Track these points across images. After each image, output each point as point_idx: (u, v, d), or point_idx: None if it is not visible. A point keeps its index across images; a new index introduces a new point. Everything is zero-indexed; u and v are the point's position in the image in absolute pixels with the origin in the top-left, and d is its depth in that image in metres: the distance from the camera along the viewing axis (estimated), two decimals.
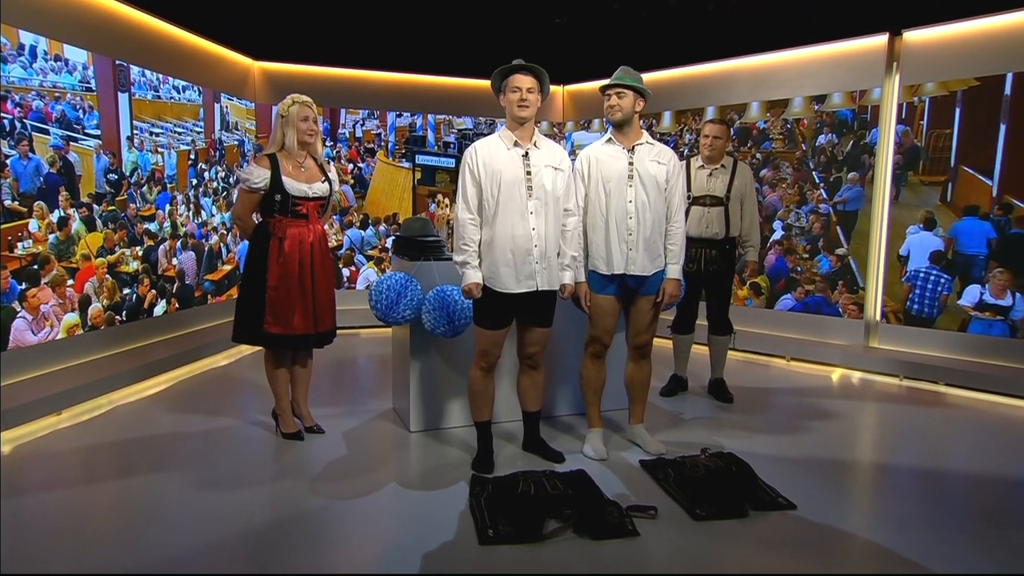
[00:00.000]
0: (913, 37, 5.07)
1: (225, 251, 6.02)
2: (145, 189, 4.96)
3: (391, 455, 3.33)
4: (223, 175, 5.95)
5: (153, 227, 5.04)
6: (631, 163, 3.12)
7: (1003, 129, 4.66)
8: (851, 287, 5.40)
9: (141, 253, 4.90)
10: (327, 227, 6.48)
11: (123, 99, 4.74)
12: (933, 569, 2.32)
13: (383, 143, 6.87)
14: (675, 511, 2.69)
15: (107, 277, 4.56)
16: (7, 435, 3.39)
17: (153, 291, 5.04)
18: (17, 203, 3.88)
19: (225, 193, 5.97)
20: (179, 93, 5.37)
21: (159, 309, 5.11)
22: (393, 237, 5.72)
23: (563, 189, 3.01)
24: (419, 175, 6.96)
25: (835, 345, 5.35)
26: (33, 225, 3.99)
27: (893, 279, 5.20)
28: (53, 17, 4.17)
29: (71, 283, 4.26)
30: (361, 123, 6.81)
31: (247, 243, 3.31)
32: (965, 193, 4.85)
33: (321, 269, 3.31)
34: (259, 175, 3.17)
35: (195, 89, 5.55)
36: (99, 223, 4.50)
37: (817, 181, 5.58)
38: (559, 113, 7.43)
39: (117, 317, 4.66)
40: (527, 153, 2.94)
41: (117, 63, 4.67)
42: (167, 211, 5.20)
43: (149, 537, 2.46)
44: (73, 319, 4.27)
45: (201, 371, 4.82)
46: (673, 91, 6.37)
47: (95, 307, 4.45)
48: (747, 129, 5.94)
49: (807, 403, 4.26)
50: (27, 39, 3.97)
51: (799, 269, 5.68)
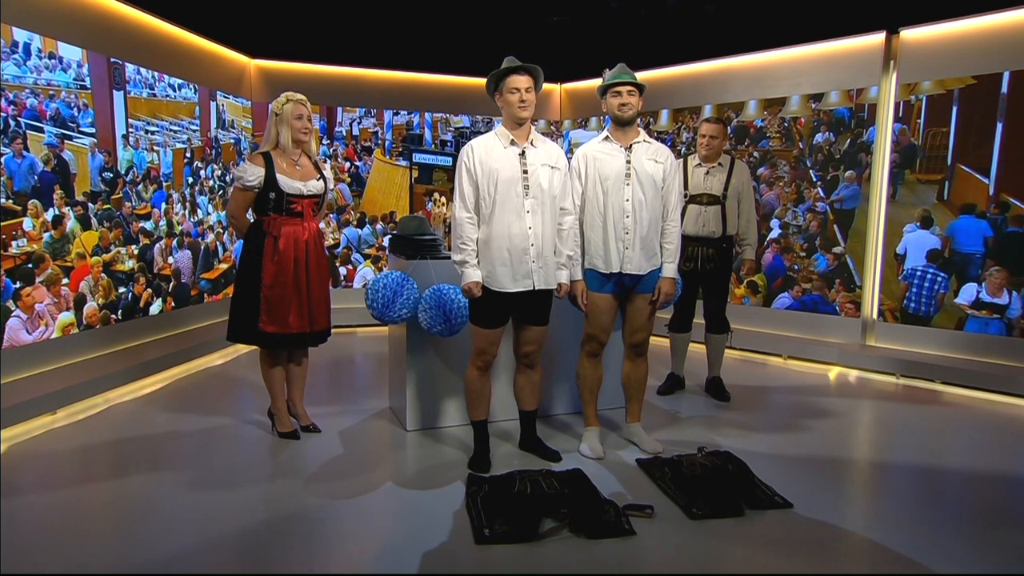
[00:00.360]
0: (910, 35, 5.06)
1: (222, 249, 6.01)
2: (141, 187, 4.95)
3: (387, 454, 3.33)
4: (219, 173, 5.93)
5: (149, 226, 5.02)
6: (628, 161, 3.11)
7: (1000, 127, 4.66)
8: (848, 285, 5.40)
9: (137, 252, 4.88)
10: (323, 225, 6.53)
11: (118, 97, 4.72)
12: (930, 567, 2.32)
13: (380, 141, 6.86)
14: (672, 510, 2.68)
15: (102, 276, 4.55)
16: (2, 434, 3.38)
17: (149, 290, 5.02)
18: (11, 201, 3.86)
19: (221, 191, 5.95)
20: (175, 91, 5.35)
21: (155, 308, 5.10)
22: (390, 235, 5.71)
23: (560, 188, 3.00)
24: (416, 173, 6.94)
25: (832, 343, 5.35)
26: (27, 223, 3.97)
27: (890, 277, 5.20)
28: (47, 14, 4.15)
29: (66, 282, 4.24)
30: (358, 121, 6.80)
31: (242, 241, 3.30)
32: (962, 191, 4.86)
33: (316, 267, 3.30)
34: (253, 173, 3.16)
35: (191, 87, 5.53)
36: (94, 222, 4.48)
37: (814, 179, 5.58)
38: (556, 111, 7.42)
39: (113, 316, 4.64)
40: (524, 152, 2.94)
41: (112, 61, 4.65)
42: (163, 209, 5.19)
43: (144, 536, 2.45)
44: (68, 318, 4.26)
45: (197, 370, 4.80)
46: (670, 89, 6.36)
47: (90, 306, 4.43)
48: (744, 127, 5.94)
49: (804, 402, 4.27)
50: (20, 36, 3.95)
51: (796, 267, 5.68)
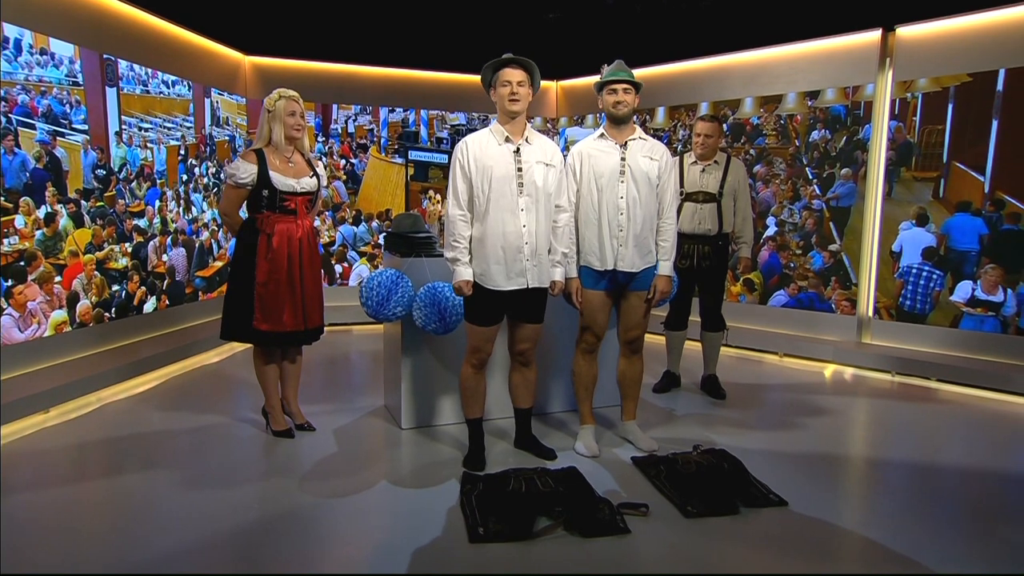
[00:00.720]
0: (906, 33, 5.06)
1: (216, 247, 5.98)
2: (134, 185, 4.92)
3: (382, 453, 3.31)
4: (214, 171, 5.91)
5: (143, 223, 5.00)
6: (623, 159, 3.10)
7: (995, 125, 4.66)
8: (844, 283, 5.40)
9: (130, 249, 4.86)
10: (318, 223, 6.51)
11: (111, 94, 4.69)
12: (925, 564, 2.31)
13: (376, 139, 6.84)
14: (667, 508, 2.68)
15: (96, 274, 4.52)
16: (1, 430, 3.37)
17: (143, 288, 4.99)
18: (3, 199, 3.84)
19: (216, 189, 5.92)
20: (168, 88, 5.32)
21: (149, 306, 5.07)
22: (385, 233, 5.69)
23: (554, 185, 2.99)
24: (412, 171, 6.92)
25: (828, 341, 5.35)
26: (19, 221, 3.94)
27: (886, 275, 5.20)
28: (38, 10, 4.11)
29: (59, 280, 4.21)
30: (353, 118, 6.77)
31: (235, 239, 3.28)
32: (957, 189, 4.86)
33: (309, 265, 3.29)
34: (246, 170, 3.14)
35: (185, 84, 5.50)
36: (87, 219, 4.45)
37: (810, 177, 5.57)
38: (552, 109, 7.40)
39: (106, 314, 4.62)
40: (518, 149, 2.92)
41: (105, 57, 4.62)
42: (157, 207, 5.16)
43: (139, 535, 2.44)
44: (61, 316, 4.23)
45: (191, 368, 4.78)
46: (667, 87, 6.35)
47: (83, 304, 4.41)
48: (740, 125, 5.93)
49: (800, 399, 4.27)
50: (11, 32, 3.91)
51: (792, 265, 5.68)
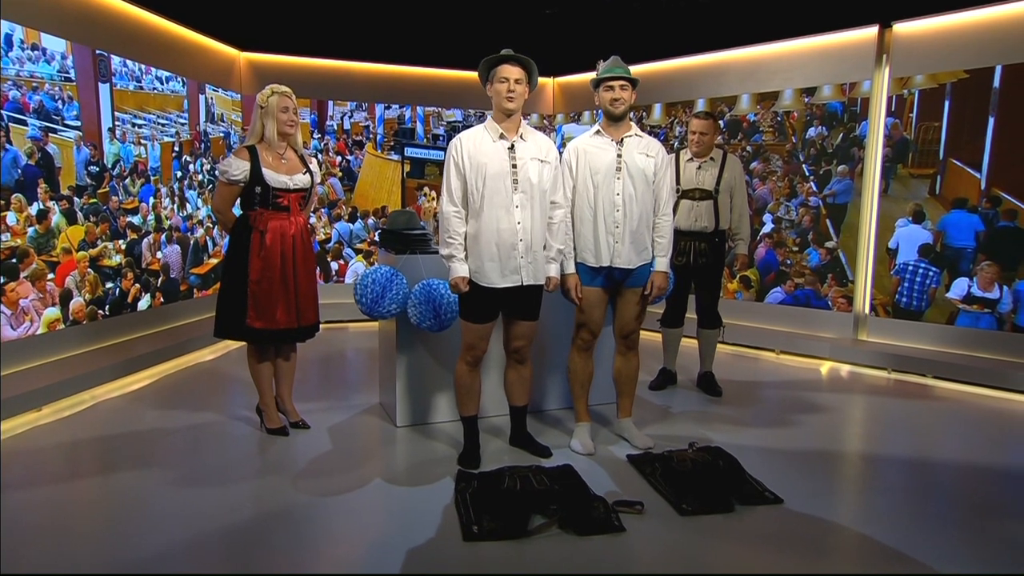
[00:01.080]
0: (903, 29, 5.05)
1: (211, 244, 5.95)
2: (128, 182, 4.89)
3: (377, 450, 3.30)
4: (208, 167, 5.88)
5: (136, 220, 4.97)
6: (619, 155, 3.08)
7: (992, 122, 4.65)
8: (840, 280, 5.40)
9: (124, 247, 4.83)
10: (314, 219, 6.48)
11: (104, 89, 4.66)
12: (921, 561, 2.31)
13: (371, 135, 6.81)
14: (662, 506, 2.67)
15: (89, 271, 4.49)
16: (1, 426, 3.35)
17: (137, 285, 4.97)
18: None
19: (211, 186, 5.89)
20: (162, 84, 5.29)
21: (143, 303, 5.05)
22: (380, 230, 5.67)
23: (549, 182, 2.97)
24: (408, 168, 6.90)
25: (824, 338, 5.35)
26: (11, 218, 3.91)
27: (882, 272, 5.20)
28: (29, 5, 4.08)
29: (52, 277, 4.19)
30: (349, 115, 6.74)
31: (229, 236, 3.26)
32: (954, 186, 4.85)
33: (303, 262, 3.27)
34: (238, 167, 3.12)
35: (179, 80, 5.47)
36: (80, 216, 4.42)
37: (807, 174, 5.57)
38: (549, 105, 7.38)
39: (100, 312, 4.59)
40: (513, 146, 2.90)
41: (97, 53, 4.59)
42: (151, 204, 5.13)
43: (132, 533, 2.42)
44: (54, 314, 4.21)
45: (186, 366, 4.76)
46: (663, 83, 6.33)
47: (77, 301, 4.38)
48: (737, 121, 5.92)
49: (796, 396, 4.26)
50: (2, 27, 3.88)
51: (789, 262, 5.68)
